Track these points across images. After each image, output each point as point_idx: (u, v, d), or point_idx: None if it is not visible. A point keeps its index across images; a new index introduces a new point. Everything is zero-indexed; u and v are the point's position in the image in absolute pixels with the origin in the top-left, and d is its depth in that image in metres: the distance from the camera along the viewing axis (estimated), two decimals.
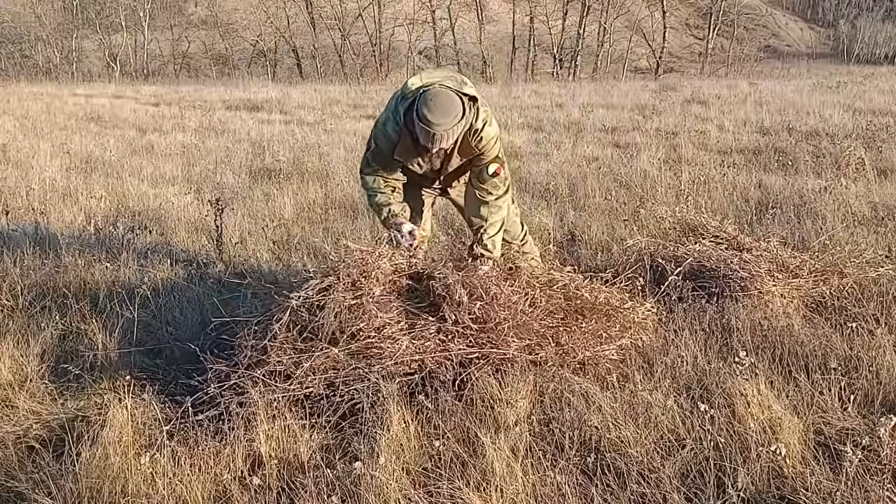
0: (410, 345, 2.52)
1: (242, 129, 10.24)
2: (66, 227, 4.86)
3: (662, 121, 9.83)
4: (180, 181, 6.55)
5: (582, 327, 2.72)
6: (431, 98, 2.63)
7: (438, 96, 2.64)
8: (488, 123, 2.85)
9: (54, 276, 3.79)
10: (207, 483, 2.11)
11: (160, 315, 3.26)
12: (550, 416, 2.36)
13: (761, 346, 2.77)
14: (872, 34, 40.12)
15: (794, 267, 3.39)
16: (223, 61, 33.57)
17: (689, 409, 2.32)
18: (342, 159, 7.30)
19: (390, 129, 2.83)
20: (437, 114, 2.61)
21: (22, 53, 31.97)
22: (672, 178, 5.79)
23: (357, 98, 15.12)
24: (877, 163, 6.24)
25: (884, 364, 2.54)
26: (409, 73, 29.77)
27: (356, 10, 31.23)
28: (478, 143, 2.85)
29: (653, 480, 2.04)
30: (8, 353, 2.82)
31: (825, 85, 15.06)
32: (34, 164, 7.09)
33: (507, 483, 2.03)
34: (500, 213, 3.00)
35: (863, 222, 4.48)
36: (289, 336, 2.55)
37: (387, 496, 2.00)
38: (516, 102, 13.01)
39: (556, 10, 30.81)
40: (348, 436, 2.31)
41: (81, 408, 2.53)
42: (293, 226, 4.86)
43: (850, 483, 1.95)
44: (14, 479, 2.18)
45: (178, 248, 4.36)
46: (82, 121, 11.42)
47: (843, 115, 9.54)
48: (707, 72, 29.66)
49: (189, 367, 2.72)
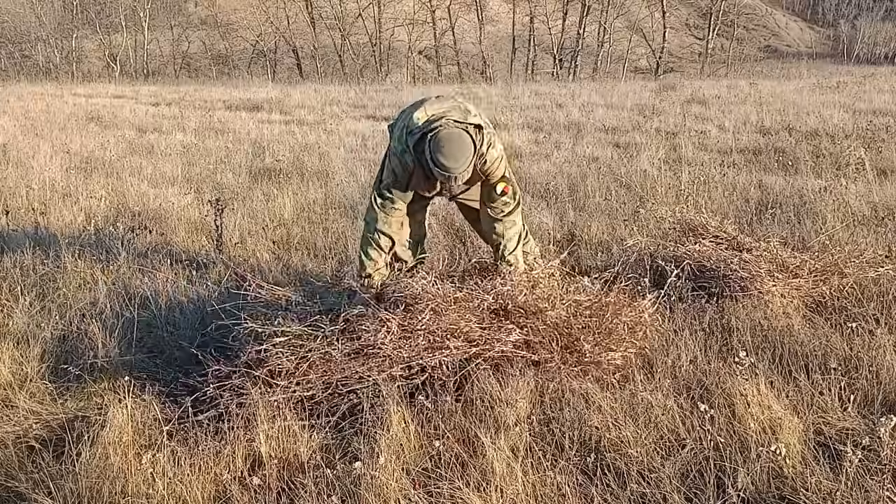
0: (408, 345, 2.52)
1: (242, 129, 10.24)
2: (66, 227, 4.86)
3: (662, 121, 9.83)
4: (180, 181, 6.55)
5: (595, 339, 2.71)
6: (444, 144, 2.69)
7: (451, 141, 2.69)
8: (492, 146, 2.89)
9: (54, 276, 3.79)
10: (207, 483, 2.11)
11: (160, 315, 3.26)
12: (550, 416, 2.36)
13: (761, 346, 2.77)
14: (872, 34, 40.13)
15: (794, 267, 3.39)
16: (223, 61, 33.57)
17: (689, 409, 2.32)
18: (342, 159, 7.30)
19: (408, 160, 2.87)
20: (452, 159, 2.68)
21: (22, 53, 31.98)
22: (672, 178, 5.79)
23: (357, 98, 15.12)
24: (877, 163, 6.24)
25: (884, 364, 2.54)
26: (409, 73, 29.81)
27: (356, 10, 31.24)
28: (483, 167, 2.89)
29: (653, 480, 2.04)
30: (8, 353, 2.83)
31: (825, 85, 15.05)
32: (34, 164, 7.09)
33: (507, 483, 2.03)
34: (515, 227, 3.07)
35: (863, 222, 4.48)
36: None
37: (387, 496, 2.00)
38: (516, 102, 13.01)
39: (556, 10, 30.82)
40: (348, 436, 2.31)
41: (81, 408, 2.54)
42: (293, 226, 4.86)
43: (850, 483, 1.95)
44: (14, 479, 2.19)
45: (178, 248, 4.36)
46: (82, 121, 11.41)
47: (843, 115, 9.53)
48: (707, 72, 29.66)
49: (189, 368, 2.72)
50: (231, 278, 3.60)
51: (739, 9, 34.73)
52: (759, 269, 3.30)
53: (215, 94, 16.76)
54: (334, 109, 12.99)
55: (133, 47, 33.49)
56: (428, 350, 2.51)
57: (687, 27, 40.64)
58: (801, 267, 3.39)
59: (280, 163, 7.16)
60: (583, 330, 2.67)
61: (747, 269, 3.29)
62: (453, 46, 31.83)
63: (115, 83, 23.87)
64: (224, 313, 2.81)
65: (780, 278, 3.29)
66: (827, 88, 14.13)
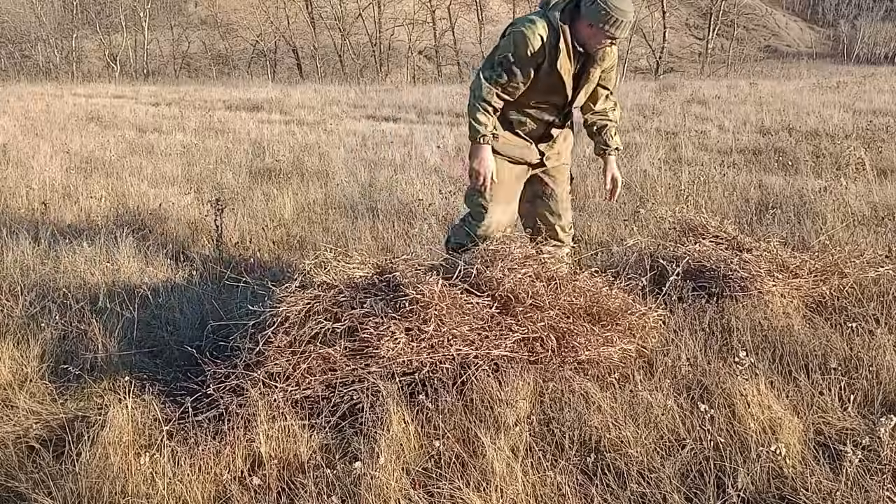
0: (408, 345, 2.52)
1: (242, 129, 10.24)
2: (67, 227, 4.86)
3: (662, 121, 9.84)
4: (180, 181, 6.55)
5: (594, 330, 2.72)
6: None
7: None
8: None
9: (54, 276, 3.79)
10: (207, 483, 2.11)
11: (160, 315, 3.26)
12: (550, 416, 2.36)
13: (761, 346, 2.77)
14: (872, 34, 40.15)
15: (794, 267, 3.39)
16: (223, 61, 33.59)
17: (689, 409, 2.32)
18: (342, 159, 7.30)
19: (541, 31, 2.76)
20: (626, 3, 2.70)
21: (22, 53, 31.99)
22: (672, 178, 5.79)
23: (357, 98, 15.12)
24: (877, 163, 6.24)
25: (884, 364, 2.53)
26: (409, 73, 29.82)
27: (356, 10, 31.25)
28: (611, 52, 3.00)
29: (653, 480, 2.04)
30: (8, 353, 2.82)
31: (825, 85, 15.06)
32: (34, 164, 7.09)
33: (507, 483, 2.03)
34: (616, 112, 3.21)
35: (863, 222, 4.48)
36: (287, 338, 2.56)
37: (387, 496, 2.00)
38: None
39: None
40: (348, 436, 2.31)
41: (81, 408, 2.53)
42: (293, 226, 4.86)
43: (850, 483, 1.95)
44: (14, 479, 2.18)
45: (178, 248, 4.36)
46: (82, 121, 11.42)
47: (843, 115, 9.54)
48: (707, 72, 29.67)
49: (189, 368, 2.72)
50: (231, 277, 3.60)
51: (739, 9, 34.75)
52: (759, 269, 3.30)
53: (215, 94, 16.77)
54: (334, 109, 13.00)
55: (133, 47, 33.51)
56: (429, 351, 2.51)
57: (687, 27, 40.66)
58: (801, 267, 3.39)
59: (280, 163, 7.17)
60: (579, 315, 2.69)
61: (747, 269, 3.28)
62: (453, 46, 31.84)
63: (115, 83, 23.88)
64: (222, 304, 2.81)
65: (780, 278, 3.29)
66: (827, 88, 14.15)
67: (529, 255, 2.92)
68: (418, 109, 12.68)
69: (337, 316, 2.61)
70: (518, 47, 2.79)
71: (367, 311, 2.60)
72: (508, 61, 2.81)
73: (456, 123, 10.34)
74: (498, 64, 2.84)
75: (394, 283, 2.73)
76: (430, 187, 5.78)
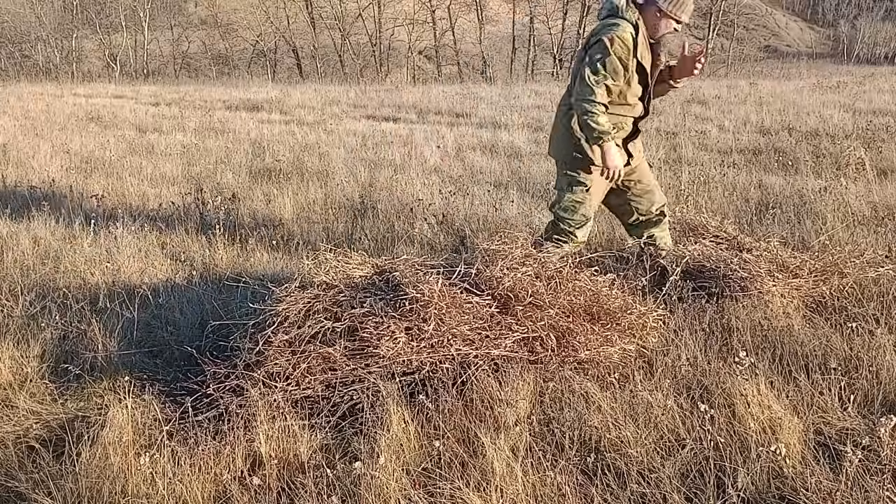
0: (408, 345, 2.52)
1: (242, 129, 10.23)
2: (66, 226, 4.86)
3: (662, 121, 9.83)
4: (180, 181, 6.55)
5: (594, 330, 2.72)
6: None
7: None
8: None
9: (54, 276, 3.79)
10: (207, 483, 2.11)
11: (160, 315, 3.26)
12: (550, 416, 2.36)
13: (761, 346, 2.77)
14: (872, 34, 40.15)
15: (794, 267, 3.39)
16: (223, 61, 33.59)
17: (689, 409, 2.32)
18: (342, 159, 7.30)
19: (628, 34, 3.08)
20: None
21: (22, 53, 31.97)
22: (672, 178, 5.79)
23: (357, 98, 15.11)
24: (877, 163, 6.24)
25: (884, 364, 2.53)
26: (409, 73, 29.81)
27: (356, 10, 31.24)
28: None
29: (653, 480, 2.04)
30: (8, 353, 2.82)
31: (825, 85, 15.05)
32: (34, 164, 7.09)
33: (507, 483, 2.03)
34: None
35: (863, 222, 4.48)
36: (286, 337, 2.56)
37: (387, 496, 2.00)
38: (516, 102, 13.00)
39: (556, 10, 30.81)
40: (348, 436, 2.31)
41: (81, 408, 2.53)
42: (293, 226, 4.86)
43: (850, 483, 1.95)
44: (14, 479, 2.18)
45: (178, 248, 4.36)
46: (82, 121, 11.42)
47: (843, 115, 9.53)
48: (707, 72, 29.63)
49: (189, 368, 2.72)
50: (231, 277, 3.60)
51: (739, 9, 34.74)
52: (759, 269, 3.30)
53: (215, 94, 16.75)
54: (334, 109, 12.99)
55: (133, 47, 33.50)
56: (429, 351, 2.51)
57: (687, 27, 40.62)
58: (801, 267, 3.39)
59: (280, 163, 7.16)
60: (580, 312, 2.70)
61: (747, 269, 3.29)
62: (453, 46, 31.84)
63: (115, 83, 23.86)
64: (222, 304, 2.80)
65: (780, 278, 3.29)
66: (827, 88, 14.13)
67: (529, 254, 2.92)
68: (418, 109, 12.68)
69: (337, 315, 2.61)
70: (615, 47, 3.09)
71: (366, 311, 2.60)
72: (611, 63, 3.10)
73: (456, 123, 10.34)
74: (602, 66, 3.10)
75: (394, 282, 2.74)
76: (430, 187, 5.78)
